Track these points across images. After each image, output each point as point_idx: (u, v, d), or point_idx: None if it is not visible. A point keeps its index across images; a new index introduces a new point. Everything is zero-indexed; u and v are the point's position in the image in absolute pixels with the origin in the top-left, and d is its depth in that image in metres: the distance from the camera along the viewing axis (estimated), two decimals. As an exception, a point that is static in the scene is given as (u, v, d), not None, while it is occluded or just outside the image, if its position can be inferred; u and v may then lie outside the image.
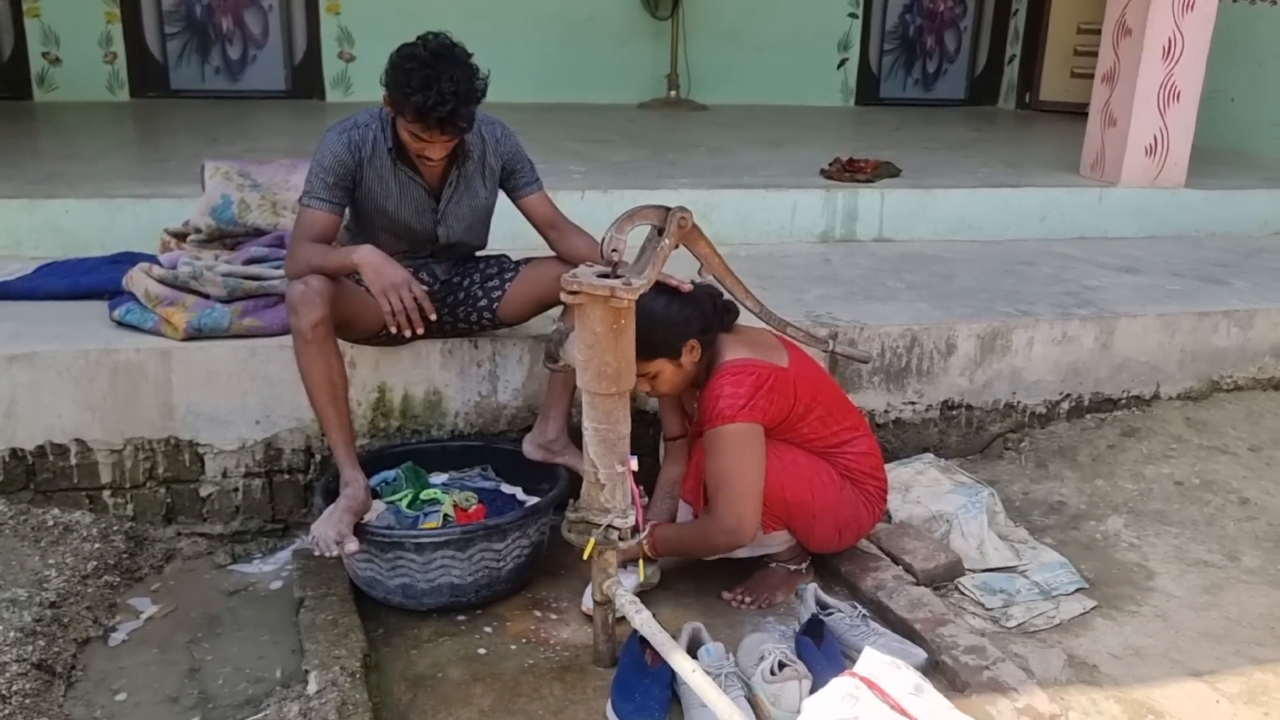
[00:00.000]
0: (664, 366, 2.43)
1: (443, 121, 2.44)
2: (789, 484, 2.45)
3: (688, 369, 2.46)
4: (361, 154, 2.62)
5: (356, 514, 2.47)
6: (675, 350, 2.41)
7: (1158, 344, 3.57)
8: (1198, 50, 4.62)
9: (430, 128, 2.46)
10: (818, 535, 2.57)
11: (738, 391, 2.37)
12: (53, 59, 6.52)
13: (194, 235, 3.11)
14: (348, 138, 2.61)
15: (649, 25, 7.38)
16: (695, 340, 2.43)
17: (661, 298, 2.38)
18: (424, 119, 2.44)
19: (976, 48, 8.38)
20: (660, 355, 2.40)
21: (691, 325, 2.42)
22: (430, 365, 2.95)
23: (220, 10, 6.81)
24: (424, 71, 2.41)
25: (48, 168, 4.24)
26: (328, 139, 2.62)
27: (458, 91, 2.41)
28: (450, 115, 2.43)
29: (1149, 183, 4.77)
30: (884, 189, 4.47)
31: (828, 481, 2.50)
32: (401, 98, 2.44)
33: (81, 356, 2.72)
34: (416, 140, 2.53)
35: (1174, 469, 3.25)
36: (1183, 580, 2.69)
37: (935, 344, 3.31)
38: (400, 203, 2.68)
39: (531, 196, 2.81)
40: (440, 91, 2.39)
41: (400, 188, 2.68)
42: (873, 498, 2.61)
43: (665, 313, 2.39)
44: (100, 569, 2.61)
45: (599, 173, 4.52)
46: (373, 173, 2.64)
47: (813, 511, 2.50)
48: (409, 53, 2.46)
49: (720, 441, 2.38)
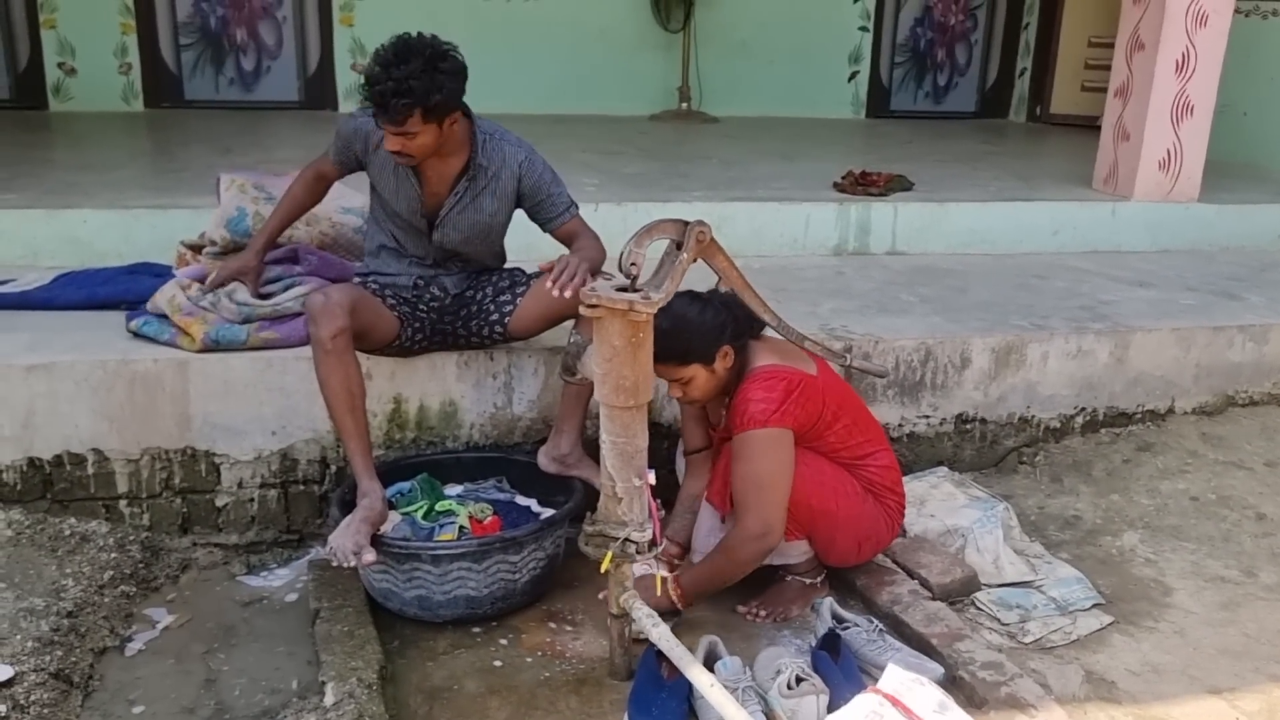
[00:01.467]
0: (698, 372, 2.44)
1: (381, 109, 2.47)
2: (815, 492, 2.45)
3: (721, 375, 2.47)
4: (369, 142, 2.71)
5: (374, 525, 2.47)
6: (710, 356, 2.43)
7: (1172, 358, 3.56)
8: (1211, 64, 4.62)
9: (378, 115, 2.50)
10: (839, 547, 2.57)
11: (769, 396, 2.39)
12: (68, 69, 6.56)
13: (209, 248, 3.12)
14: (357, 124, 2.73)
15: (660, 37, 7.40)
16: (729, 346, 2.44)
17: (696, 304, 2.42)
18: (378, 108, 2.47)
19: (987, 61, 8.38)
20: (695, 361, 2.42)
21: (725, 331, 2.43)
22: (446, 376, 2.96)
23: (235, 22, 6.84)
24: (375, 64, 2.46)
25: (64, 178, 4.26)
26: (347, 118, 2.78)
27: (394, 77, 2.41)
28: (386, 99, 2.43)
29: (1162, 197, 4.77)
30: (897, 202, 4.47)
31: (852, 492, 2.50)
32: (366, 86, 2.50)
33: (99, 367, 2.73)
34: (387, 134, 2.54)
35: (1189, 484, 3.24)
36: (1200, 596, 2.68)
37: (949, 357, 3.31)
38: (396, 196, 2.74)
39: (566, 226, 2.80)
40: (378, 80, 2.43)
41: (397, 181, 2.72)
42: (892, 513, 2.60)
43: (700, 319, 2.41)
44: (117, 579, 2.62)
45: (612, 185, 4.54)
46: (377, 161, 2.72)
47: (836, 521, 2.50)
48: (380, 46, 2.50)
49: (750, 446, 2.38)
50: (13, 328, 2.96)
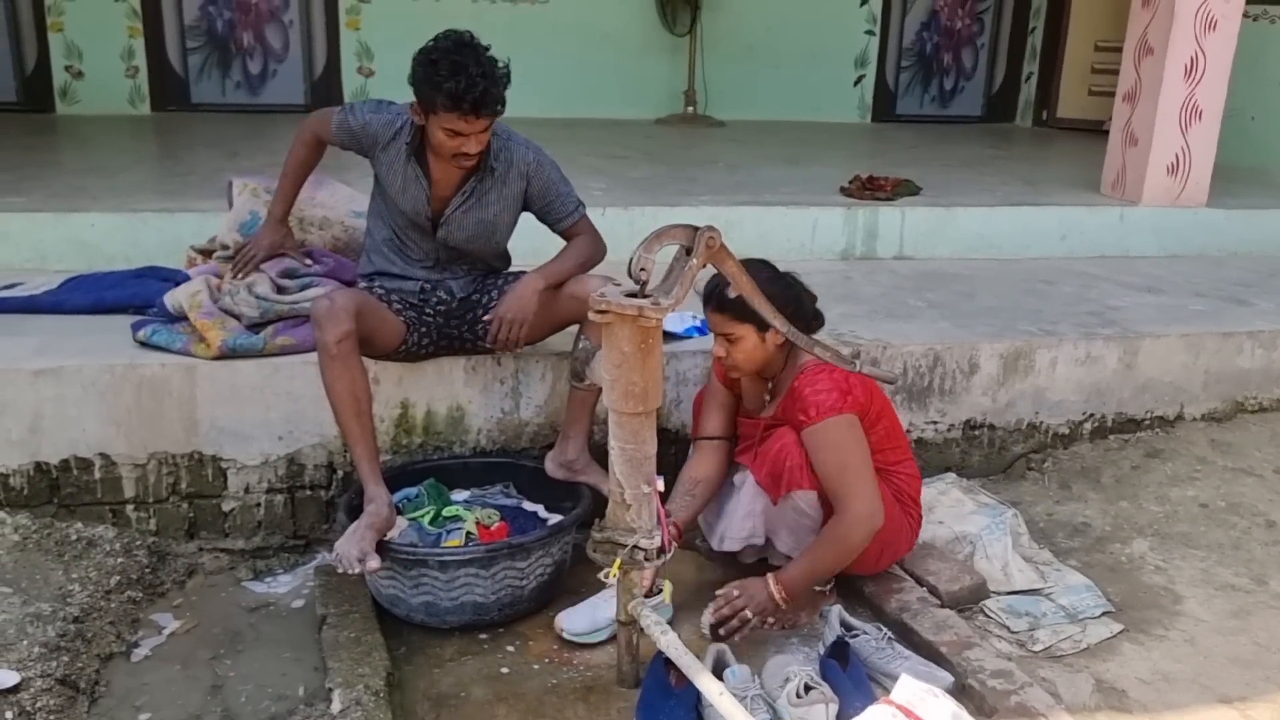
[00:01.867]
0: (750, 334, 2.44)
1: (476, 104, 2.47)
2: None
3: (769, 350, 2.47)
4: (378, 140, 2.71)
5: (380, 531, 2.46)
6: (765, 322, 2.41)
7: (1182, 365, 3.55)
8: (1220, 69, 4.61)
9: (465, 113, 2.49)
10: (865, 554, 2.56)
11: (834, 385, 2.42)
12: (75, 72, 6.57)
13: (220, 251, 3.12)
14: (366, 121, 2.73)
15: (667, 41, 7.40)
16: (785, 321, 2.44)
17: (769, 270, 2.47)
18: (459, 104, 2.46)
19: (994, 65, 8.37)
20: (751, 321, 2.41)
21: (786, 305, 2.42)
22: (453, 381, 2.95)
23: (241, 25, 6.85)
24: (450, 59, 2.46)
25: (71, 181, 4.27)
26: (370, 107, 2.76)
27: (485, 74, 2.47)
28: (483, 96, 2.47)
29: (1170, 202, 4.75)
30: (904, 207, 4.46)
31: (885, 496, 2.49)
32: (432, 89, 2.48)
33: (107, 371, 2.73)
34: (453, 137, 2.55)
35: (1199, 491, 3.22)
36: (1210, 605, 2.67)
37: (958, 363, 3.30)
38: (402, 194, 2.73)
39: (573, 227, 2.83)
40: (469, 75, 2.44)
41: (405, 181, 2.72)
42: (913, 523, 2.60)
43: (771, 284, 2.41)
44: (123, 584, 2.62)
45: (618, 189, 4.53)
46: (387, 158, 2.72)
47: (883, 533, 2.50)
48: (431, 48, 2.51)
49: (832, 434, 2.39)
50: (20, 331, 2.96)
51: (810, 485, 2.43)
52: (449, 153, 2.59)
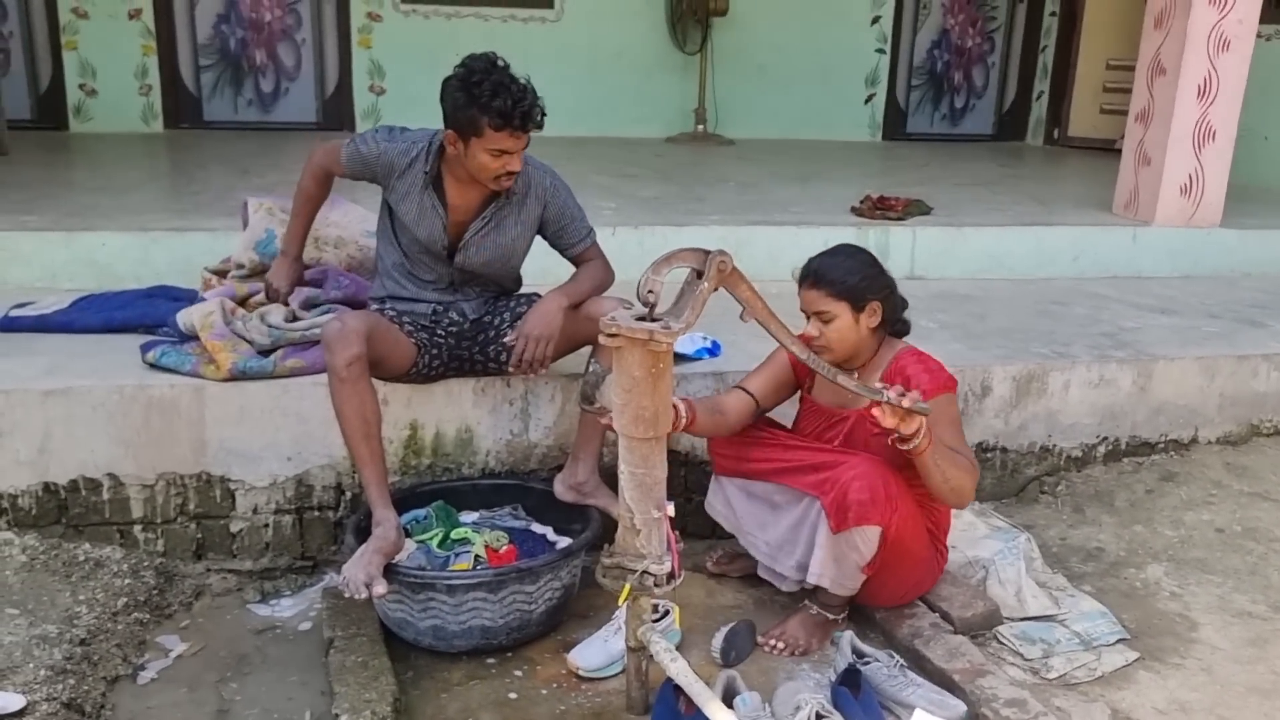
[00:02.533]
0: (844, 313, 2.44)
1: (525, 117, 2.49)
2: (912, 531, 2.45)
3: (861, 333, 2.47)
4: (393, 169, 2.71)
5: (387, 555, 2.45)
6: (863, 301, 2.44)
7: (1196, 387, 3.52)
8: (1233, 90, 4.59)
9: (515, 129, 2.50)
10: (895, 589, 2.57)
11: (938, 370, 2.47)
12: (89, 90, 6.61)
13: (235, 271, 3.13)
14: (382, 150, 2.71)
15: (677, 60, 7.42)
16: (879, 304, 2.46)
17: (865, 254, 2.52)
18: (509, 120, 2.48)
19: (1004, 83, 8.37)
20: (847, 298, 2.43)
21: (882, 289, 2.48)
22: (463, 403, 2.94)
23: (254, 44, 6.89)
24: (490, 80, 2.48)
25: (84, 200, 4.28)
26: (383, 134, 2.74)
27: (526, 89, 2.50)
28: (531, 110, 2.49)
29: (1184, 222, 4.73)
30: (915, 226, 4.45)
31: (921, 530, 2.48)
32: (479, 112, 2.48)
33: (116, 391, 2.72)
34: (499, 156, 2.55)
35: (1214, 515, 3.19)
36: (1227, 632, 2.63)
37: (970, 386, 3.27)
38: (418, 222, 2.72)
39: (583, 252, 2.84)
40: (512, 92, 2.47)
41: (420, 210, 2.71)
42: (941, 560, 2.59)
43: (865, 264, 2.48)
44: (130, 605, 2.61)
45: (629, 209, 4.53)
46: (402, 186, 2.71)
47: (911, 562, 2.50)
48: (464, 74, 2.52)
49: (952, 406, 2.44)
50: (31, 351, 2.96)
51: (878, 520, 2.37)
52: (492, 174, 2.59)
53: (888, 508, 2.37)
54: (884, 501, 2.36)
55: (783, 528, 2.55)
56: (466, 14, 7.02)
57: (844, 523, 2.37)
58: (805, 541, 2.48)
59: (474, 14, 7.03)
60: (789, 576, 2.58)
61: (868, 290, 2.46)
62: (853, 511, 2.35)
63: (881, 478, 2.35)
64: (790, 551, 2.53)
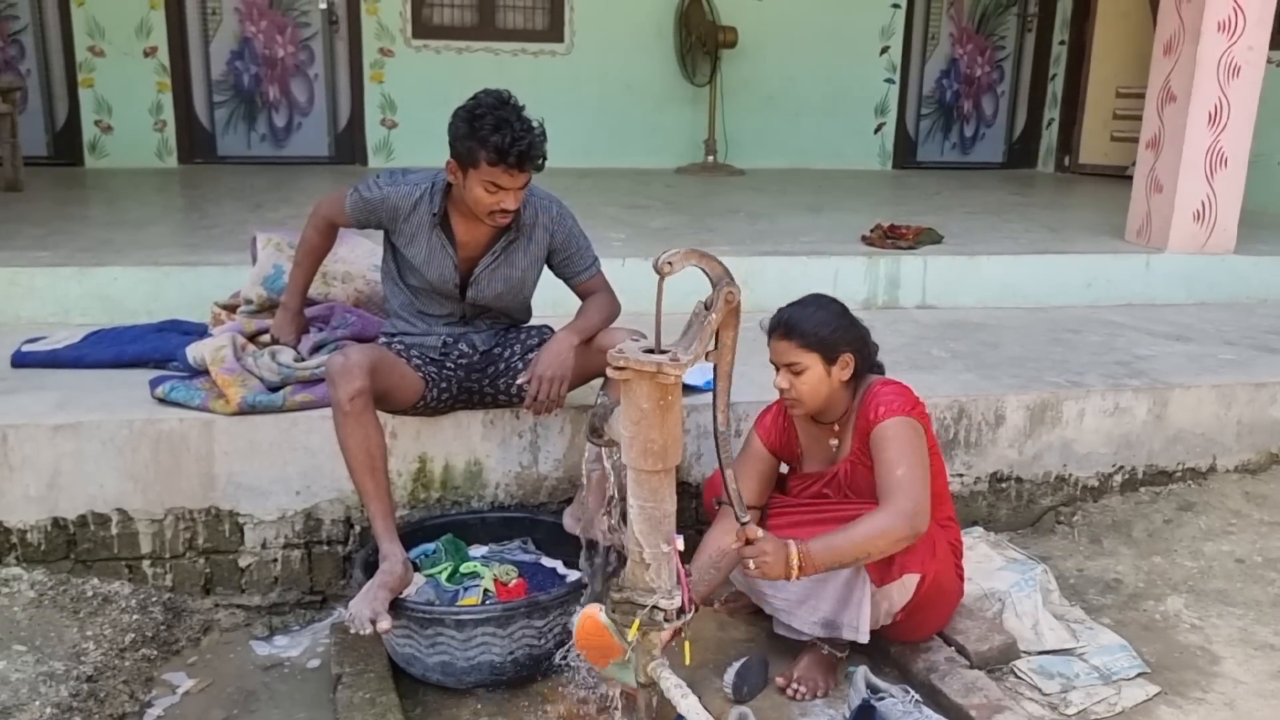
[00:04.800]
0: (815, 365, 2.39)
1: (522, 157, 2.48)
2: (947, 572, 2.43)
3: (834, 385, 2.42)
4: (398, 213, 2.70)
5: (393, 590, 2.43)
6: (834, 353, 2.39)
7: (1213, 415, 3.48)
8: (1244, 116, 4.58)
9: (510, 167, 2.49)
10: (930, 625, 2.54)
11: (905, 392, 2.41)
12: (104, 127, 6.68)
13: (245, 306, 3.13)
14: (385, 195, 2.71)
15: (687, 91, 7.45)
16: (851, 356, 2.41)
17: (836, 305, 2.47)
18: (504, 157, 2.47)
19: (1014, 111, 8.38)
20: (817, 350, 2.38)
21: (854, 340, 2.43)
22: (471, 436, 2.93)
23: (267, 79, 6.96)
24: (494, 114, 2.48)
25: (97, 235, 4.31)
26: (385, 179, 2.74)
27: (528, 129, 2.49)
28: (528, 150, 2.49)
29: (1197, 249, 4.70)
30: (926, 255, 4.44)
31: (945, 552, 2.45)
32: (477, 144, 2.48)
33: (126, 426, 2.72)
34: (494, 192, 2.55)
35: (1234, 546, 3.14)
36: (1249, 665, 2.58)
37: (984, 415, 3.24)
38: (427, 263, 2.72)
39: (588, 282, 2.84)
40: (513, 129, 2.46)
41: (429, 252, 2.71)
42: (959, 585, 2.56)
43: (835, 315, 2.43)
44: (138, 641, 2.59)
45: (639, 239, 4.53)
46: (409, 229, 2.71)
47: (947, 599, 2.49)
48: (471, 106, 2.53)
49: (892, 430, 2.34)
50: (42, 386, 2.96)
51: (918, 569, 2.35)
52: (486, 209, 2.59)
53: (928, 554, 2.36)
54: (925, 548, 2.35)
55: (800, 584, 2.44)
56: (478, 48, 7.09)
57: (888, 576, 2.36)
58: (831, 598, 2.42)
59: (485, 48, 7.09)
60: (810, 633, 2.48)
61: (840, 342, 2.41)
62: (897, 561, 2.33)
63: None
64: (813, 608, 2.44)
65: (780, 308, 2.47)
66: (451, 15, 7.11)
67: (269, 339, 3.05)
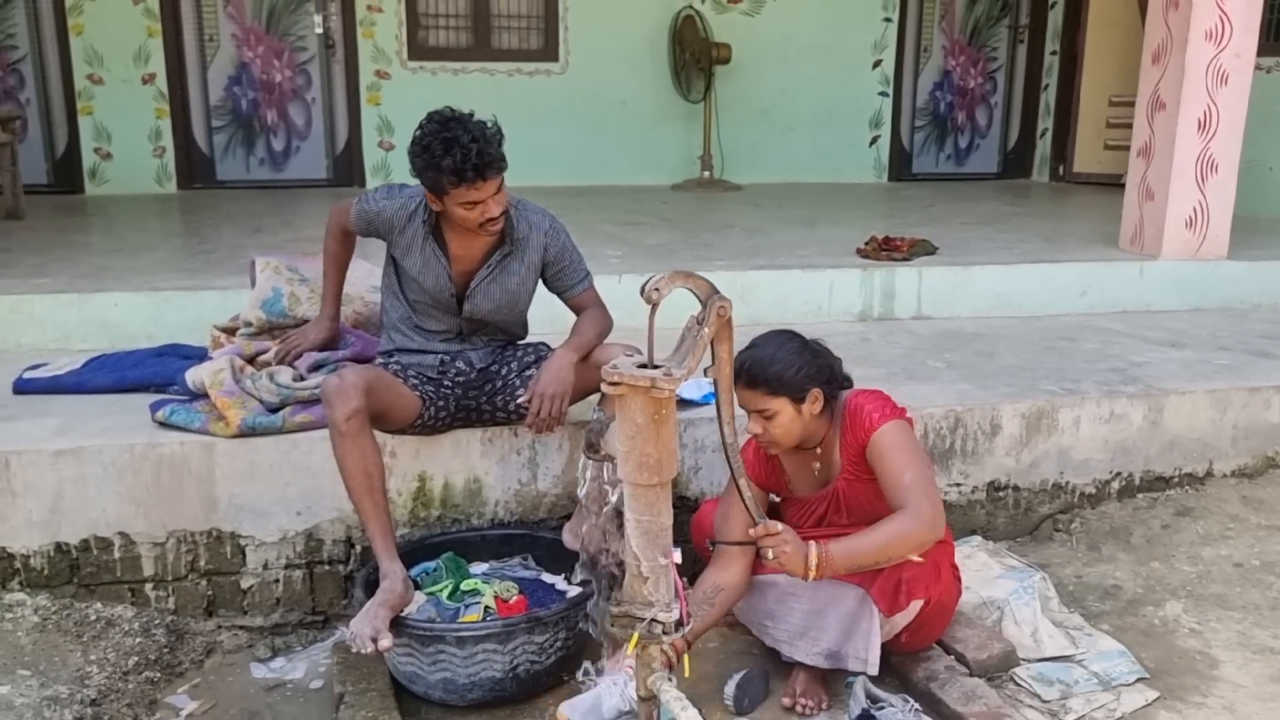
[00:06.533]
0: (784, 408, 2.37)
1: (480, 168, 2.50)
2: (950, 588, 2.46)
3: (807, 420, 2.40)
4: (393, 224, 2.75)
5: (394, 608, 2.44)
6: (800, 393, 2.37)
7: (1209, 421, 3.49)
8: (1234, 123, 4.61)
9: (472, 181, 2.51)
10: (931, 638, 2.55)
11: (885, 401, 2.41)
12: (104, 154, 6.73)
13: (244, 329, 3.16)
14: (381, 208, 2.77)
15: (681, 108, 7.50)
16: (819, 390, 2.39)
17: (795, 341, 2.42)
18: (463, 175, 2.50)
19: (1008, 122, 8.43)
20: (783, 394, 2.36)
21: (819, 373, 2.40)
22: (470, 454, 2.95)
23: (265, 104, 7.02)
24: (440, 138, 2.50)
25: (97, 261, 4.34)
26: (382, 193, 2.80)
27: (477, 137, 2.50)
28: (482, 158, 2.49)
29: (1190, 255, 4.73)
30: (921, 266, 4.46)
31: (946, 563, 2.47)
32: (436, 173, 2.51)
33: (127, 450, 2.74)
34: (473, 207, 2.58)
35: (1232, 550, 3.15)
36: (1249, 669, 2.59)
37: (979, 424, 3.26)
38: (423, 274, 2.76)
39: (581, 295, 2.87)
40: (463, 145, 2.48)
41: (424, 262, 2.75)
42: (957, 589, 2.57)
43: (798, 355, 2.39)
44: (141, 664, 2.60)
45: (635, 256, 4.56)
46: (404, 241, 2.75)
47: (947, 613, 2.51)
48: (419, 136, 2.56)
49: (889, 437, 2.34)
50: (43, 412, 2.98)
51: (923, 594, 2.36)
52: (475, 224, 2.62)
53: (933, 578, 2.38)
54: (930, 571, 2.37)
55: (797, 615, 2.46)
56: (473, 69, 7.15)
57: (896, 606, 2.37)
58: (834, 629, 2.42)
59: (480, 69, 7.15)
60: (813, 664, 2.46)
61: (805, 381, 2.37)
62: (904, 590, 2.35)
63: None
64: (814, 639, 2.44)
65: (740, 352, 2.35)
66: (447, 37, 7.17)
67: (269, 356, 3.06)
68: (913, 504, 2.26)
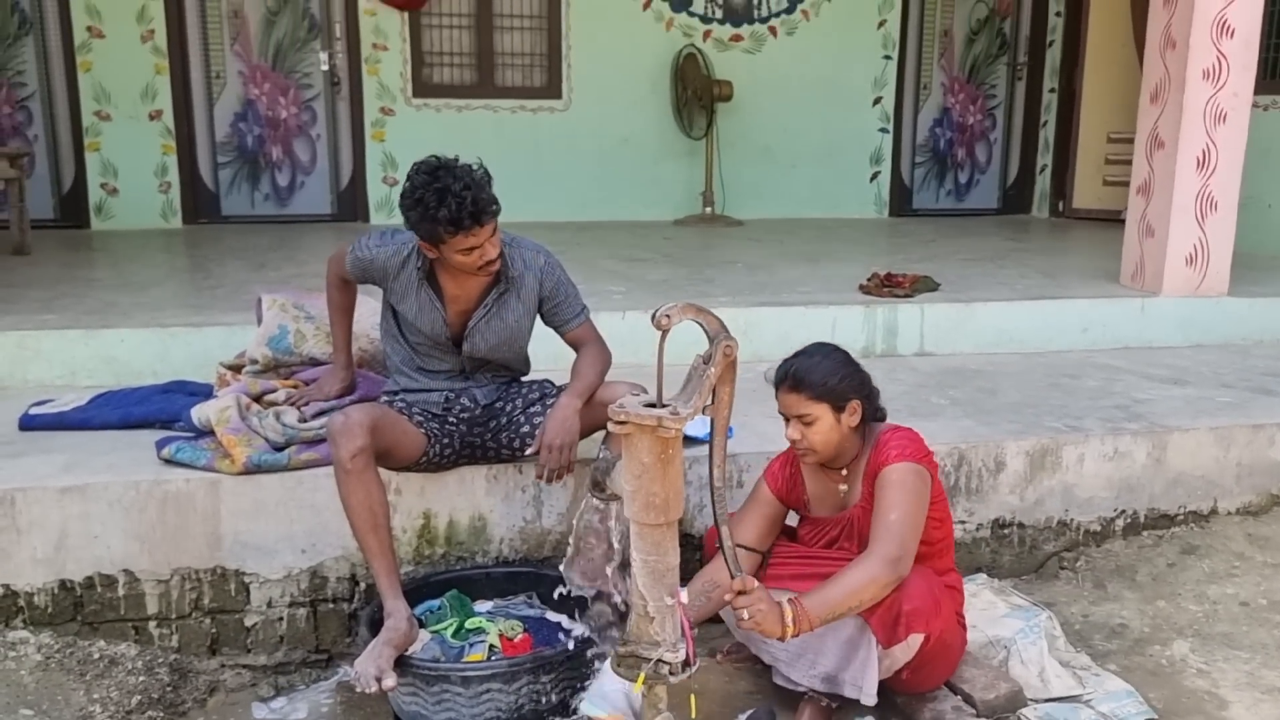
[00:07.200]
0: (825, 414, 2.41)
1: (475, 214, 2.51)
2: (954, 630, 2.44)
3: (844, 432, 2.44)
4: (387, 270, 2.76)
5: (398, 647, 2.44)
6: (843, 401, 2.42)
7: (1213, 458, 3.49)
8: (1232, 160, 4.64)
9: (469, 229, 2.53)
10: (935, 680, 2.52)
11: (915, 442, 2.44)
12: (110, 189, 6.78)
13: (250, 366, 3.17)
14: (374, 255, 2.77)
15: (684, 144, 7.56)
16: (859, 403, 2.44)
17: (840, 353, 2.50)
18: (459, 224, 2.51)
19: (1008, 158, 8.48)
20: (826, 400, 2.41)
21: (861, 386, 2.47)
22: (475, 491, 2.95)
23: (271, 140, 7.07)
24: (432, 189, 2.51)
25: (103, 297, 4.36)
26: (374, 239, 2.79)
27: (468, 184, 2.51)
28: (476, 203, 2.51)
29: (1191, 292, 4.74)
30: (923, 303, 4.48)
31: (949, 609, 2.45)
32: (431, 224, 2.53)
33: (132, 488, 2.75)
34: (470, 253, 2.59)
35: (1239, 589, 3.14)
36: (1258, 710, 2.57)
37: (984, 462, 3.26)
38: (418, 318, 2.77)
39: (577, 330, 2.87)
40: (456, 194, 2.49)
41: (420, 306, 2.76)
42: (962, 635, 2.55)
43: (841, 364, 2.47)
44: (144, 704, 2.59)
45: (638, 292, 4.58)
46: (399, 286, 2.76)
47: (951, 654, 2.48)
48: (409, 189, 2.57)
49: (897, 476, 2.37)
50: (49, 449, 2.99)
51: (923, 628, 2.35)
52: (474, 268, 2.64)
53: (933, 613, 2.37)
54: (930, 606, 2.36)
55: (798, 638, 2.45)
56: (477, 106, 7.21)
57: (894, 638, 2.36)
58: (833, 654, 2.42)
59: (484, 106, 7.21)
60: (809, 686, 2.47)
61: (848, 390, 2.44)
62: (903, 622, 2.34)
63: (926, 583, 2.36)
64: (811, 661, 2.44)
65: (785, 359, 2.50)
66: (451, 74, 7.24)
67: (275, 396, 3.07)
68: (880, 545, 2.30)
